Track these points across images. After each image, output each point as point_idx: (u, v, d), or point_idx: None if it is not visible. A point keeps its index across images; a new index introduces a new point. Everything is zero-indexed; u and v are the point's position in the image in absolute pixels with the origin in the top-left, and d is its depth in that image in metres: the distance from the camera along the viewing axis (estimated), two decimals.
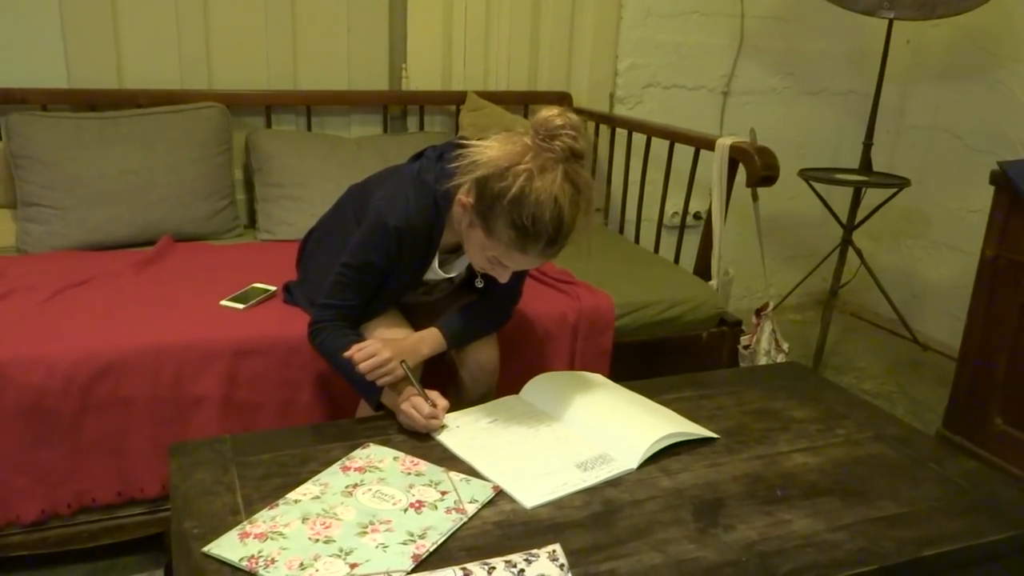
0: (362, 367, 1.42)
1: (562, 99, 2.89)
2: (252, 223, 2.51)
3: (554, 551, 1.00)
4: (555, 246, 1.34)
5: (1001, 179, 2.10)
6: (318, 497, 1.15)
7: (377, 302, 1.59)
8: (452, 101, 2.73)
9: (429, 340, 1.55)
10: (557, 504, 1.18)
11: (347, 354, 1.44)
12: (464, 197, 1.37)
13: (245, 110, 2.53)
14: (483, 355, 1.65)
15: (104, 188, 2.17)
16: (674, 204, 2.68)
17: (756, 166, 2.09)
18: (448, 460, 1.28)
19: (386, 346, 1.45)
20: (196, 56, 2.44)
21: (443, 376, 1.71)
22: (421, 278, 1.61)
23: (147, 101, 2.36)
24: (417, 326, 1.61)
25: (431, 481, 1.21)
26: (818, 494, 1.23)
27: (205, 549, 1.04)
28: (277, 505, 1.13)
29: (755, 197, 2.26)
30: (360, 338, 1.52)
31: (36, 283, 1.85)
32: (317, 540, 1.06)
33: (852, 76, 3.36)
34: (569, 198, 1.30)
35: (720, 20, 3.09)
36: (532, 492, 1.20)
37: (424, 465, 1.25)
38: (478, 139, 1.39)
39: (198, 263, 2.09)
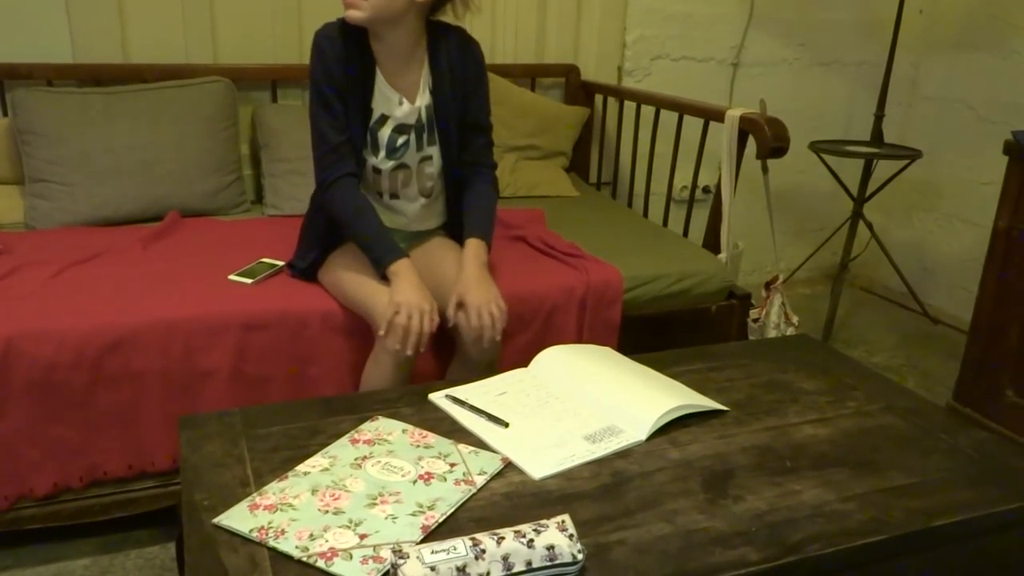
0: (389, 341, 1.55)
1: (570, 71, 2.87)
2: (259, 198, 2.50)
3: (563, 521, 1.00)
4: None
5: (1014, 149, 2.08)
6: (327, 469, 1.16)
7: (356, 150, 1.69)
8: None
9: (475, 252, 1.68)
10: (566, 476, 1.18)
11: (382, 332, 1.56)
12: None
13: (251, 84, 2.52)
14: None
15: (111, 163, 2.17)
16: (683, 177, 2.66)
17: (766, 137, 2.07)
18: (457, 432, 1.28)
19: (424, 299, 1.58)
20: (201, 30, 2.43)
21: (447, 349, 1.72)
22: (374, 103, 1.70)
23: (152, 76, 2.35)
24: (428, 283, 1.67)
25: (440, 453, 1.21)
26: (828, 465, 1.23)
27: (215, 520, 1.04)
28: (287, 477, 1.14)
29: (765, 169, 2.24)
30: (367, 204, 1.67)
31: (45, 259, 1.86)
32: (327, 511, 1.06)
33: (864, 46, 3.31)
34: None
35: None
36: (541, 464, 1.20)
37: (433, 437, 1.26)
38: None
39: (206, 238, 2.09)
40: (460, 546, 0.94)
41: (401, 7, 1.60)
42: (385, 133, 1.71)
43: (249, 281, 1.79)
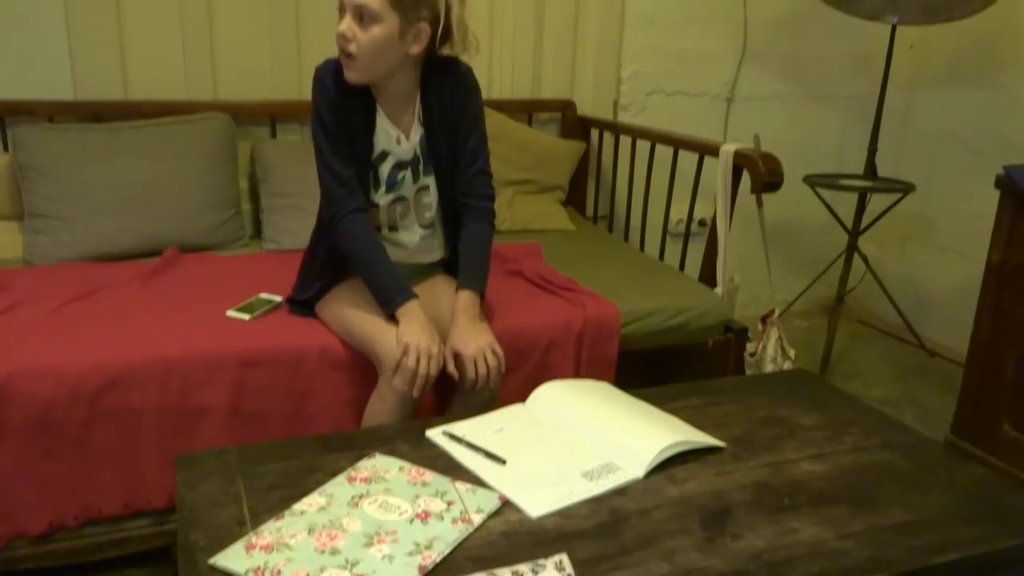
0: (397, 382, 1.57)
1: (566, 107, 2.90)
2: (257, 233, 2.51)
3: (560, 561, 1.00)
4: None
5: (1006, 183, 2.10)
6: (324, 508, 1.15)
7: (362, 187, 1.69)
8: None
9: (465, 305, 1.66)
10: (563, 513, 1.18)
11: (390, 373, 1.57)
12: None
13: (250, 120, 2.54)
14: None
15: (110, 199, 2.18)
16: (679, 211, 2.68)
17: (760, 172, 2.08)
18: (454, 469, 1.28)
19: (433, 342, 1.58)
20: (201, 67, 2.46)
21: (446, 386, 1.71)
22: (375, 140, 1.70)
23: (152, 112, 2.37)
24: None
25: (437, 491, 1.21)
26: (826, 502, 1.23)
27: (211, 561, 1.04)
28: (283, 516, 1.13)
29: (760, 203, 2.26)
30: (378, 243, 1.69)
31: (43, 294, 1.86)
32: (323, 551, 1.06)
33: (856, 81, 3.36)
34: None
35: (723, 26, 3.10)
36: (538, 501, 1.19)
37: (430, 475, 1.25)
38: None
39: (204, 273, 2.10)
40: None
41: (395, 63, 1.61)
42: (385, 169, 1.72)
43: (247, 317, 1.80)
